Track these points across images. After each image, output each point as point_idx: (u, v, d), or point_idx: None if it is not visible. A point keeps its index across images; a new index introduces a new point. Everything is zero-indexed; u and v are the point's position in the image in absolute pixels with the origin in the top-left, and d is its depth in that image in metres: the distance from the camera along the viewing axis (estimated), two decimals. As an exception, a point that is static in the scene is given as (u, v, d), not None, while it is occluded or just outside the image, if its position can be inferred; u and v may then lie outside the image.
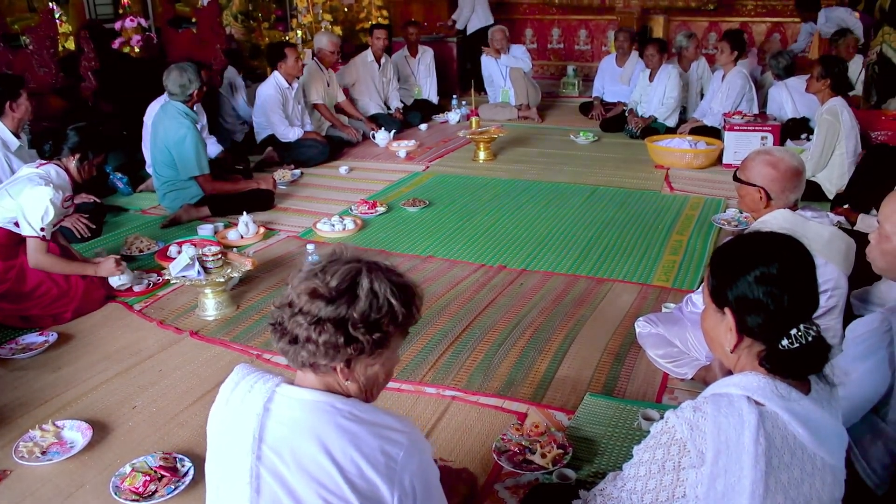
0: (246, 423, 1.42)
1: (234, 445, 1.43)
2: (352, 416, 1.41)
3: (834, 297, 2.55)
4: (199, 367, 3.13)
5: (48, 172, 3.56)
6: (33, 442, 2.56)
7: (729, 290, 1.47)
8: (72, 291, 3.60)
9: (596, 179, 5.77)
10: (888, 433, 1.91)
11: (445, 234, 4.69)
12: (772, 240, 1.51)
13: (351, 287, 1.41)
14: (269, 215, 5.08)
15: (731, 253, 1.53)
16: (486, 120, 7.52)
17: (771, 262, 1.44)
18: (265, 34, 8.08)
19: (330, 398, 1.43)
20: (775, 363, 1.45)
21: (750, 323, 1.46)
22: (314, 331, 1.39)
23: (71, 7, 6.28)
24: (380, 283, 1.43)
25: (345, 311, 1.39)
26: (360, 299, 1.40)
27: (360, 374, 1.46)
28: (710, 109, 6.74)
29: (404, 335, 1.51)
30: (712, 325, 1.56)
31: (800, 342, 1.42)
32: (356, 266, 1.45)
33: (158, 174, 4.95)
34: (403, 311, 1.45)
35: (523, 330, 3.38)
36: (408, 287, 1.49)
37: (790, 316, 1.43)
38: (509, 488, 2.31)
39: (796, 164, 2.60)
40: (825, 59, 5.12)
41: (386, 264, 1.52)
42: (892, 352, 1.86)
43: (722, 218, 4.71)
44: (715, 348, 1.60)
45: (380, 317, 1.41)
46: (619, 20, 9.37)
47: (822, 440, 1.43)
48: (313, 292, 1.41)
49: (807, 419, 1.41)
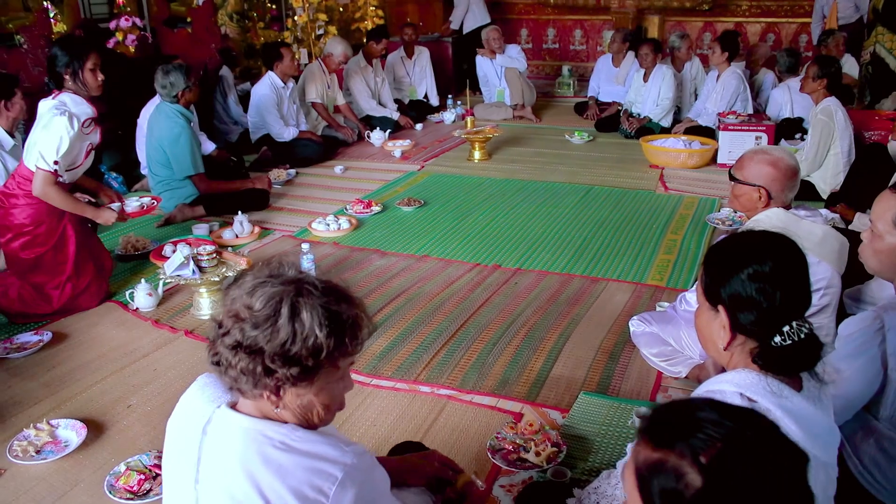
0: (189, 442, 1.38)
1: (181, 462, 1.40)
2: (283, 445, 1.31)
3: (827, 295, 2.56)
4: (193, 366, 3.13)
5: (62, 101, 3.52)
6: (27, 441, 2.55)
7: (722, 288, 1.48)
8: (83, 280, 3.62)
9: (591, 179, 5.78)
10: (880, 431, 1.92)
11: (440, 233, 4.70)
12: (765, 238, 1.51)
13: (273, 314, 1.29)
14: (264, 215, 5.08)
15: (725, 251, 1.54)
16: (481, 120, 7.54)
17: (764, 261, 1.44)
18: (260, 34, 8.08)
19: (262, 426, 1.34)
20: (768, 360, 1.45)
21: (743, 320, 1.46)
22: (234, 356, 1.31)
23: (65, 6, 6.26)
24: (308, 311, 1.29)
25: (263, 340, 1.28)
26: (280, 329, 1.28)
27: (291, 402, 1.35)
28: (704, 109, 6.76)
29: (339, 367, 1.37)
30: (706, 322, 1.56)
31: (792, 339, 1.43)
32: (284, 289, 1.31)
33: (153, 174, 4.95)
34: (331, 344, 1.30)
35: (518, 329, 3.38)
36: (344, 316, 1.34)
37: (783, 313, 1.43)
38: (504, 486, 2.32)
39: (794, 163, 2.63)
40: (821, 59, 5.14)
41: (332, 285, 1.37)
42: (884, 350, 1.87)
43: (716, 217, 4.72)
44: (708, 346, 1.60)
45: (299, 350, 1.28)
46: (615, 20, 9.38)
47: (815, 437, 1.43)
48: (236, 315, 1.32)
49: (799, 416, 1.42)
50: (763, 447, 0.95)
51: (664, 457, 0.96)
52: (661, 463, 0.96)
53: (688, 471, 0.93)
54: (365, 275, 4.05)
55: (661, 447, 0.97)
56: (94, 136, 3.65)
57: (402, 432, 2.60)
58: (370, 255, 4.34)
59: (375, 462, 1.43)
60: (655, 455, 0.97)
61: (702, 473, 0.92)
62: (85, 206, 3.67)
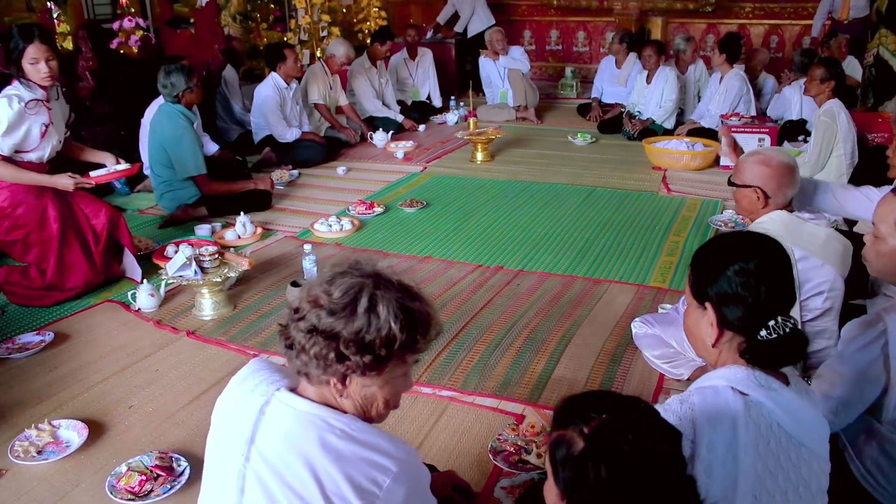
0: (242, 421, 1.41)
1: (230, 440, 1.42)
2: (343, 434, 1.35)
3: (830, 298, 2.55)
4: (195, 366, 3.13)
5: (11, 87, 3.58)
6: (29, 441, 2.55)
7: (710, 286, 1.53)
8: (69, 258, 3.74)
9: (593, 181, 5.78)
10: (883, 433, 1.92)
11: (443, 234, 4.70)
12: (750, 238, 1.58)
13: (351, 302, 1.35)
14: (266, 216, 5.08)
15: (712, 251, 1.59)
16: (483, 121, 7.53)
17: (749, 259, 1.49)
18: (263, 35, 8.08)
19: (324, 412, 1.38)
20: (754, 354, 1.50)
21: (730, 316, 1.51)
22: (308, 340, 1.35)
23: (69, 7, 6.27)
24: (384, 304, 1.35)
25: (340, 326, 1.34)
26: (357, 317, 1.33)
27: (355, 393, 1.40)
28: (707, 111, 6.75)
29: (406, 362, 1.43)
30: (694, 321, 1.61)
31: (778, 333, 1.48)
32: (363, 281, 1.38)
33: (156, 174, 4.96)
34: (403, 337, 1.35)
35: (520, 330, 3.38)
36: (417, 313, 1.39)
37: (768, 308, 1.48)
38: (505, 488, 2.31)
39: (788, 160, 2.61)
40: (826, 61, 5.13)
41: (405, 283, 1.43)
42: (887, 353, 1.87)
43: (719, 219, 4.72)
44: (697, 346, 1.64)
45: (373, 339, 1.33)
46: (617, 22, 9.39)
47: (805, 429, 1.48)
48: (315, 300, 1.37)
49: (789, 408, 1.46)
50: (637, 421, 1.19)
51: (562, 433, 1.21)
52: (560, 438, 1.21)
53: (576, 440, 1.18)
54: (367, 276, 4.04)
55: (560, 428, 1.22)
56: (42, 117, 3.65)
57: (403, 433, 2.59)
58: (372, 257, 4.32)
59: (422, 464, 1.48)
60: (556, 434, 1.23)
61: (584, 439, 1.17)
62: (39, 176, 3.70)
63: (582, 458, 1.15)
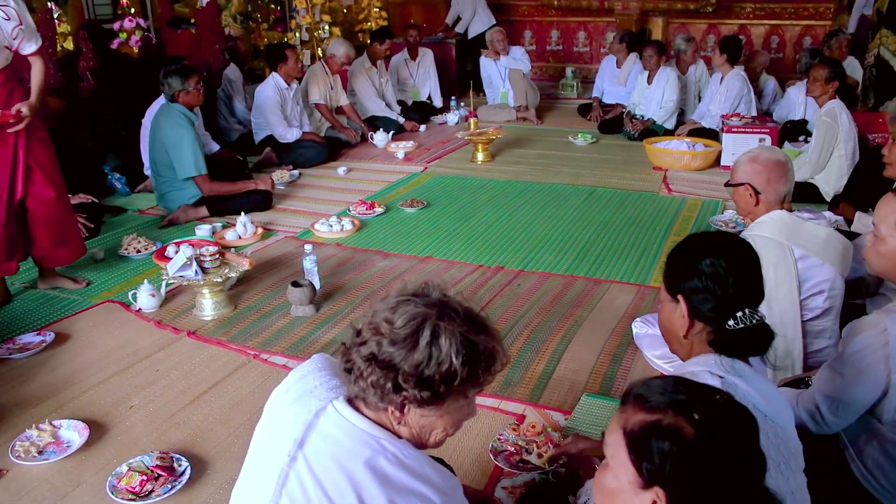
0: (294, 421, 1.38)
1: (278, 436, 1.40)
2: (395, 459, 1.33)
3: (830, 298, 2.56)
4: (196, 366, 3.13)
5: None
6: (30, 441, 2.55)
7: (682, 281, 1.66)
8: None
9: (594, 181, 5.78)
10: (884, 434, 1.91)
11: (443, 234, 4.70)
12: (720, 237, 1.73)
13: (413, 333, 1.30)
14: (267, 216, 5.08)
15: (685, 248, 1.72)
16: (484, 121, 7.53)
17: (720, 255, 1.62)
18: (264, 35, 8.09)
19: (379, 433, 1.36)
20: (722, 343, 1.62)
21: (700, 307, 1.63)
22: (367, 367, 1.32)
23: (69, 7, 6.27)
24: (447, 337, 1.30)
25: (399, 357, 1.30)
26: (418, 350, 1.29)
27: (413, 421, 1.37)
28: (708, 111, 6.75)
29: (468, 396, 1.39)
30: (667, 315, 1.72)
31: (744, 323, 1.60)
32: (427, 311, 1.33)
33: (157, 174, 4.96)
34: (465, 373, 1.31)
35: (521, 330, 3.38)
36: (481, 347, 1.34)
37: (735, 300, 1.60)
38: (506, 488, 2.31)
39: (777, 156, 2.61)
40: (829, 61, 5.13)
41: (472, 314, 1.38)
42: (888, 353, 1.86)
43: (720, 219, 4.71)
44: (670, 340, 1.76)
45: (433, 374, 1.29)
46: (618, 22, 9.38)
47: (776, 409, 1.55)
48: (376, 328, 1.34)
49: (759, 389, 1.55)
50: (733, 408, 1.18)
51: (660, 417, 1.13)
52: (657, 423, 1.13)
53: (683, 426, 1.11)
54: (368, 276, 4.05)
55: (655, 411, 1.14)
56: None
57: (404, 434, 2.59)
58: (373, 257, 4.33)
59: (464, 497, 1.48)
60: (651, 417, 1.14)
61: (694, 427, 1.10)
62: None
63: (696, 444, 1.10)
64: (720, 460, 1.10)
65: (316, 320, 3.54)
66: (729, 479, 1.10)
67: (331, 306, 3.69)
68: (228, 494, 1.56)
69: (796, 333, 2.53)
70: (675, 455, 1.09)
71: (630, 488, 1.15)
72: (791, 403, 2.08)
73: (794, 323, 2.53)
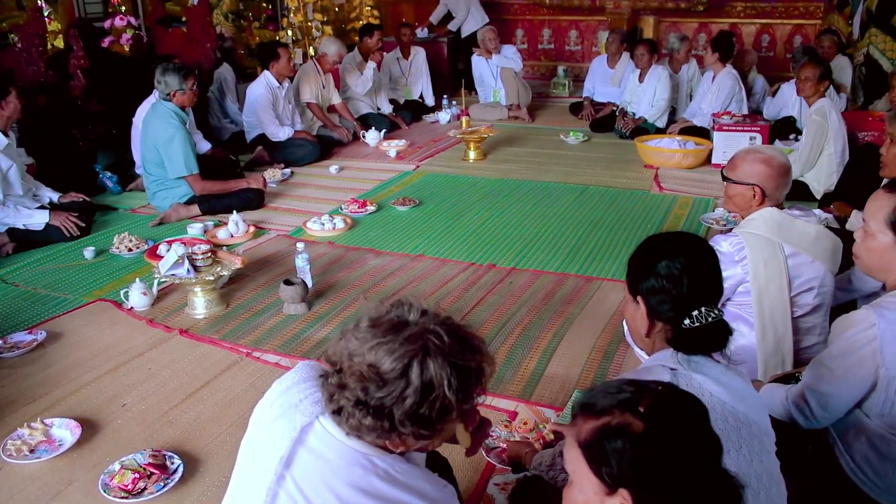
0: (281, 438, 1.35)
1: (264, 453, 1.37)
2: (387, 475, 1.31)
3: (820, 295, 2.57)
4: (188, 365, 3.13)
5: None
6: (21, 440, 2.55)
7: (641, 282, 1.68)
8: None
9: (585, 179, 5.79)
10: (872, 428, 1.93)
11: (435, 233, 4.70)
12: (677, 237, 1.75)
13: (401, 377, 1.26)
14: (259, 214, 5.08)
15: (643, 250, 1.74)
16: (476, 120, 7.55)
17: (675, 257, 1.64)
18: (256, 33, 8.07)
19: (369, 451, 1.33)
20: (680, 341, 1.63)
21: (658, 307, 1.66)
22: (359, 413, 1.28)
23: (60, 5, 6.23)
24: (437, 371, 1.26)
25: (390, 402, 1.26)
26: (409, 394, 1.25)
27: (411, 444, 1.35)
28: (699, 110, 6.77)
29: (462, 413, 1.36)
30: (630, 315, 1.76)
31: (701, 322, 1.61)
32: (409, 349, 1.26)
33: (148, 173, 4.95)
34: (459, 398, 1.28)
35: (512, 328, 3.39)
36: (473, 367, 1.32)
37: (691, 300, 1.62)
38: (498, 484, 2.33)
39: (786, 161, 2.64)
40: (819, 60, 5.16)
41: (460, 333, 1.33)
42: (876, 348, 1.88)
43: (710, 217, 4.73)
44: (636, 338, 1.80)
45: (428, 413, 1.27)
46: (610, 21, 9.39)
47: (739, 397, 1.56)
48: (361, 376, 1.27)
49: (717, 379, 1.57)
50: (676, 395, 1.21)
51: (608, 420, 1.14)
52: (606, 426, 1.13)
53: (631, 421, 1.12)
54: (360, 274, 4.05)
55: (602, 414, 1.15)
56: None
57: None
58: (365, 255, 4.34)
59: (458, 501, 1.47)
60: (599, 422, 1.14)
61: (641, 419, 1.12)
62: None
63: (646, 436, 1.11)
64: (672, 446, 1.11)
65: (308, 318, 3.54)
66: (685, 463, 1.11)
67: (323, 304, 3.69)
68: (221, 492, 1.57)
69: (786, 330, 2.55)
70: (630, 451, 1.10)
71: (597, 498, 1.15)
72: (781, 399, 2.10)
73: (784, 319, 2.54)
